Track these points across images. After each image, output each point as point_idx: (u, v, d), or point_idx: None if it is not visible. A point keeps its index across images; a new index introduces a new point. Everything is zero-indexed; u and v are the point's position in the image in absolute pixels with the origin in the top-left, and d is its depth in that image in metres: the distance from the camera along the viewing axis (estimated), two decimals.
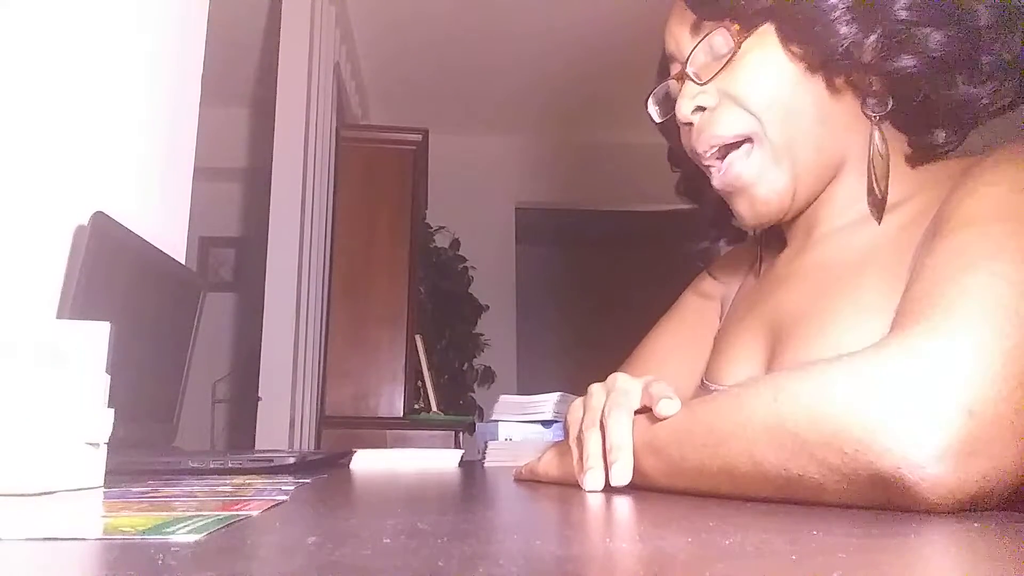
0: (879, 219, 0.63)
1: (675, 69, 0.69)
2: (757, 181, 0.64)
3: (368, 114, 3.76)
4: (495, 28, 3.09)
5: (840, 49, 0.59)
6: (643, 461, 0.53)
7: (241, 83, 3.42)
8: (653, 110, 0.73)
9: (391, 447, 2.40)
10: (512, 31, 3.11)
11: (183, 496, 0.46)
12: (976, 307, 0.44)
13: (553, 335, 4.67)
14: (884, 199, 0.63)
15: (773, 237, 0.76)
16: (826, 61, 0.61)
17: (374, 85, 3.64)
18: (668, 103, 0.71)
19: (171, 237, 1.15)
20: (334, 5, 2.89)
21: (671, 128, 0.72)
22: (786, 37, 0.61)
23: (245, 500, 0.43)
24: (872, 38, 0.59)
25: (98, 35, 0.96)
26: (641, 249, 4.56)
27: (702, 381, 0.73)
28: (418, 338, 2.79)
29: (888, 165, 0.63)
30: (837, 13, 0.59)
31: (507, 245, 4.08)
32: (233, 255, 3.78)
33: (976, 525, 0.34)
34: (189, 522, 0.32)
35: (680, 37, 0.67)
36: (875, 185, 0.63)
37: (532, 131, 4.01)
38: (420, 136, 2.95)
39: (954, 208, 0.53)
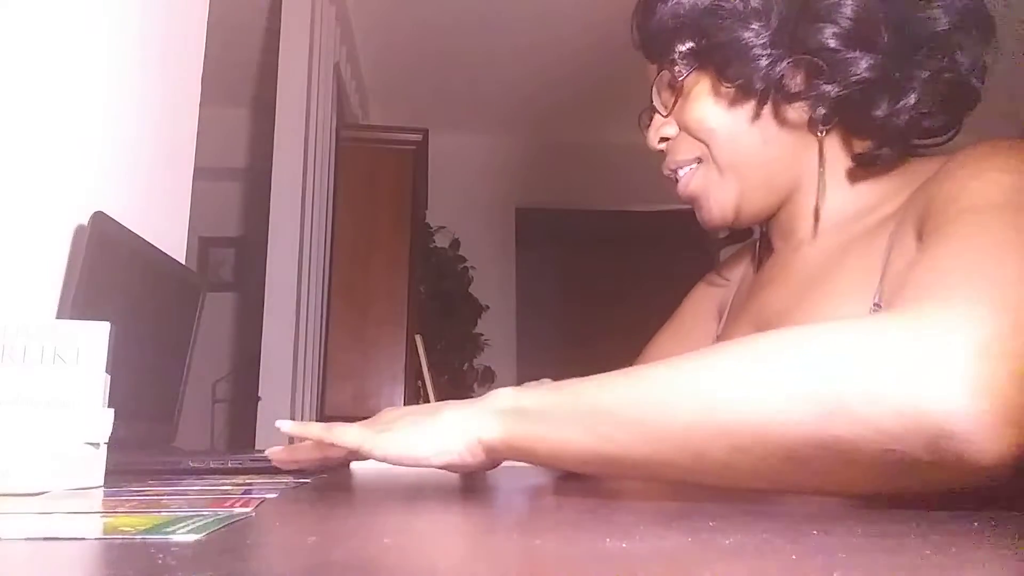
0: (814, 233, 0.68)
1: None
2: (703, 194, 0.70)
3: (368, 114, 3.76)
4: (495, 28, 3.09)
5: (764, 83, 0.64)
6: (577, 429, 0.46)
7: (241, 83, 3.41)
8: (645, 129, 0.77)
9: None
10: (512, 31, 3.11)
11: (183, 496, 0.46)
12: (1016, 278, 0.42)
13: (553, 335, 4.67)
14: (817, 216, 0.68)
15: (767, 240, 0.78)
16: (756, 92, 0.65)
17: (374, 85, 3.63)
18: None
19: (171, 237, 1.15)
20: (334, 5, 2.89)
21: None
22: (716, 75, 0.67)
23: (244, 498, 0.43)
24: (796, 68, 0.63)
25: (98, 35, 0.96)
26: (641, 249, 4.55)
27: None
28: (418, 338, 2.79)
29: (823, 183, 0.67)
30: (756, 50, 0.64)
31: (507, 245, 4.08)
32: (233, 255, 3.78)
33: (975, 524, 0.34)
34: (189, 522, 0.32)
35: (650, 70, 0.73)
36: (817, 200, 0.68)
37: (532, 131, 4.00)
38: (420, 136, 2.95)
39: (958, 191, 0.53)
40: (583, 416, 0.46)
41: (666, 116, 0.71)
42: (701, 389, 0.43)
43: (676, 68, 0.69)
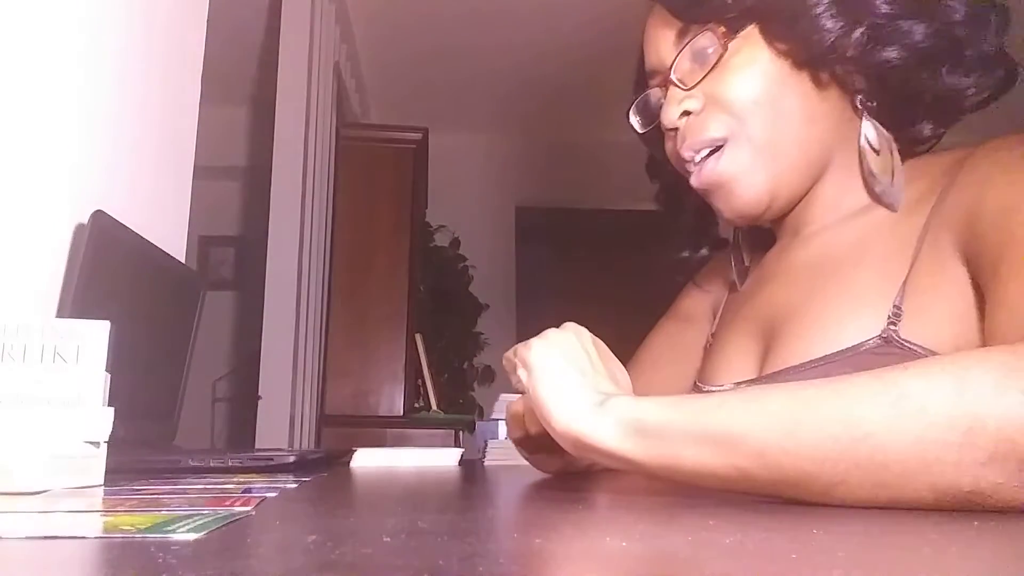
0: (894, 208, 0.62)
1: (656, 79, 0.69)
2: (733, 179, 0.64)
3: (368, 113, 3.75)
4: (495, 28, 3.09)
5: (825, 44, 0.60)
6: (697, 453, 0.43)
7: (241, 83, 3.41)
8: (635, 121, 0.73)
9: (391, 446, 2.40)
10: (512, 30, 3.10)
11: (183, 495, 0.46)
12: None
13: None
14: (892, 187, 0.62)
15: (757, 239, 0.76)
16: (811, 57, 0.61)
17: (374, 84, 3.63)
18: (649, 113, 0.72)
19: (171, 236, 1.15)
20: (334, 4, 2.89)
21: (653, 138, 0.73)
22: (771, 35, 0.62)
23: (244, 497, 0.43)
24: (857, 32, 0.60)
25: (98, 35, 0.96)
26: (641, 249, 4.55)
27: (695, 384, 0.74)
28: (418, 337, 2.79)
29: (889, 154, 0.63)
30: (820, 9, 0.60)
31: (507, 244, 4.08)
32: (233, 255, 3.78)
33: (976, 524, 0.34)
34: (189, 521, 0.32)
35: (661, 46, 0.68)
36: (869, 178, 0.64)
37: (533, 130, 4.00)
38: (420, 135, 2.94)
39: (1013, 200, 0.51)
40: (699, 436, 0.43)
41: (689, 88, 0.64)
42: (849, 421, 0.39)
43: (722, 29, 0.62)
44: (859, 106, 0.63)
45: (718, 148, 0.64)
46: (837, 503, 0.41)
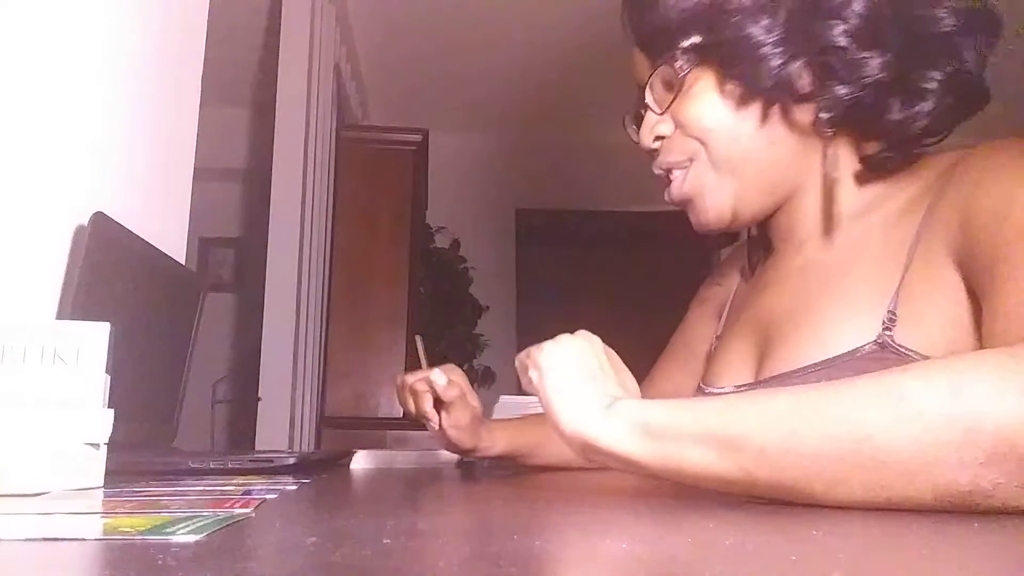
0: (828, 233, 0.66)
1: (641, 98, 0.72)
2: (697, 196, 0.68)
3: (368, 114, 3.75)
4: (496, 28, 3.09)
5: (768, 84, 0.61)
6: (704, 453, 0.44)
7: (241, 83, 3.41)
8: (632, 131, 0.75)
9: (391, 448, 2.40)
10: (513, 31, 3.11)
11: (183, 496, 0.46)
12: None
13: (553, 335, 4.65)
14: (831, 219, 0.66)
15: (765, 240, 0.77)
16: (761, 93, 0.63)
17: (374, 85, 3.63)
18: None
19: (171, 237, 1.15)
20: (334, 5, 2.89)
21: None
22: (722, 72, 0.64)
23: (244, 499, 0.43)
24: (803, 70, 0.61)
25: (98, 35, 0.96)
26: (641, 249, 4.55)
27: (699, 387, 0.74)
28: (418, 338, 2.79)
29: (834, 186, 0.65)
30: (766, 48, 0.61)
31: (507, 245, 4.08)
32: (233, 255, 3.78)
33: (976, 525, 0.34)
34: (189, 522, 0.32)
35: (639, 71, 0.71)
36: (826, 202, 0.66)
37: (533, 131, 4.00)
38: (420, 136, 2.95)
39: (1006, 207, 0.52)
40: (705, 438, 0.44)
41: (660, 114, 0.68)
42: (850, 423, 0.40)
43: (677, 64, 0.65)
44: (819, 135, 0.64)
45: (685, 167, 0.68)
46: (837, 503, 0.41)
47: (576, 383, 0.51)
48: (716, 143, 0.65)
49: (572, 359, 0.53)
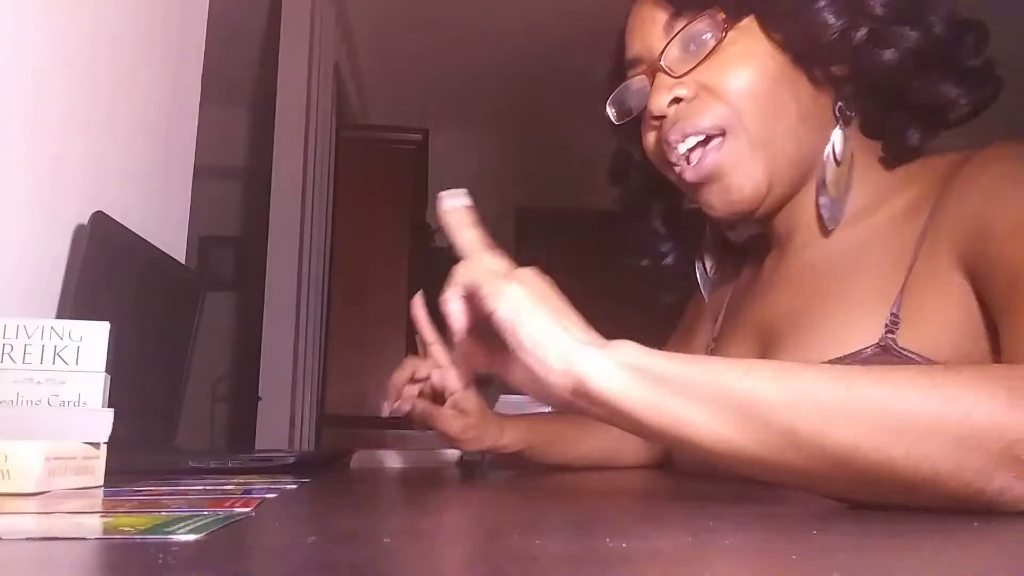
0: (830, 225, 0.64)
1: (638, 68, 0.67)
2: (732, 171, 0.62)
3: (368, 114, 3.75)
4: (496, 28, 3.09)
5: (824, 39, 0.59)
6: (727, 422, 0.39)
7: (241, 83, 3.41)
8: (611, 112, 0.71)
9: (391, 447, 2.40)
10: (513, 31, 3.10)
11: (183, 496, 0.46)
12: None
13: None
14: (839, 202, 0.63)
15: (726, 247, 0.77)
16: (809, 51, 0.60)
17: (374, 85, 3.63)
18: (627, 105, 0.70)
19: (171, 237, 1.15)
20: (334, 5, 2.89)
21: (629, 132, 0.71)
22: (770, 26, 0.61)
23: (244, 498, 0.43)
24: (859, 30, 0.59)
25: (97, 34, 0.96)
26: None
27: None
28: (418, 338, 2.79)
29: (847, 169, 0.63)
30: (822, 3, 0.59)
31: (507, 245, 4.06)
32: (233, 255, 3.78)
33: (976, 524, 0.34)
34: (189, 522, 0.32)
35: (649, 33, 0.66)
36: (824, 187, 0.63)
37: (533, 131, 4.00)
38: (420, 136, 2.95)
39: (1014, 212, 0.51)
40: (718, 400, 0.39)
41: (679, 77, 0.62)
42: (896, 413, 0.37)
43: (722, 16, 0.61)
44: (837, 114, 0.63)
45: (707, 140, 0.62)
46: (850, 500, 0.40)
47: (563, 317, 0.45)
48: (755, 113, 0.61)
49: (550, 293, 0.48)
